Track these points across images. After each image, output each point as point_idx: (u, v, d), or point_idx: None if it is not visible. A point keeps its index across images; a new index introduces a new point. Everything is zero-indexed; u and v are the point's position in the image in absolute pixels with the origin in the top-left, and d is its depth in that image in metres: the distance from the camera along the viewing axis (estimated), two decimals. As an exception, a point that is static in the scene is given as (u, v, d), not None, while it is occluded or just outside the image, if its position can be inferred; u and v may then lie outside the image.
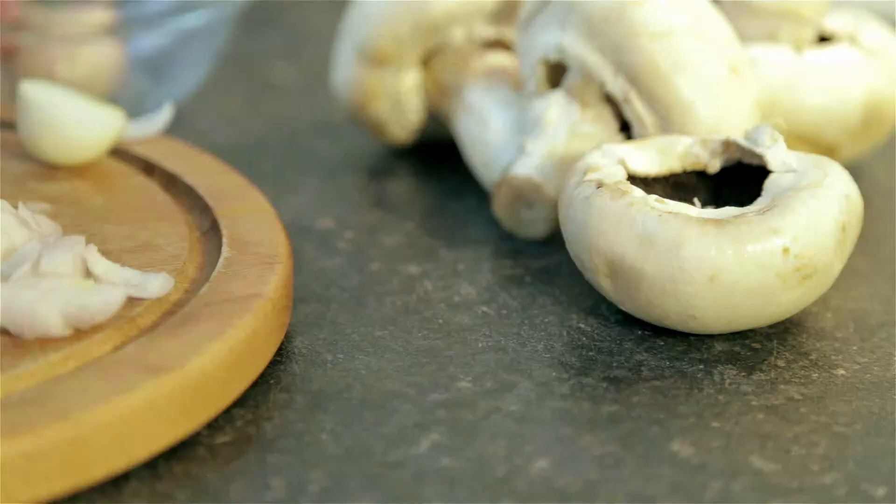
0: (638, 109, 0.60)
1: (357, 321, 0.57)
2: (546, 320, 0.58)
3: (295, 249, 0.59)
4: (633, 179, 0.58)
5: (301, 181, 0.68)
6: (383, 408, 0.52)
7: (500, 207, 0.62)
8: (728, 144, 0.58)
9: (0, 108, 0.64)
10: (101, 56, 0.69)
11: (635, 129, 0.61)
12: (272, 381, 0.53)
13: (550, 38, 0.61)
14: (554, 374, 0.55)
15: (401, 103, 0.68)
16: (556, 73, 0.62)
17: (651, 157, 0.58)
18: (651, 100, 0.60)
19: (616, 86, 0.60)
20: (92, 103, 0.60)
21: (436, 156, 0.70)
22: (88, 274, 0.52)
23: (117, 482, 0.48)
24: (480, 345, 0.56)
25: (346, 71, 0.67)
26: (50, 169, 0.60)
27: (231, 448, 0.50)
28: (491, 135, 0.64)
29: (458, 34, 0.66)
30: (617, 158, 0.58)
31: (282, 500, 0.48)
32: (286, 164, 0.69)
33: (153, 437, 0.48)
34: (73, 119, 0.59)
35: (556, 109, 0.61)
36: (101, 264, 0.52)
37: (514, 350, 0.56)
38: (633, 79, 0.60)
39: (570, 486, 0.49)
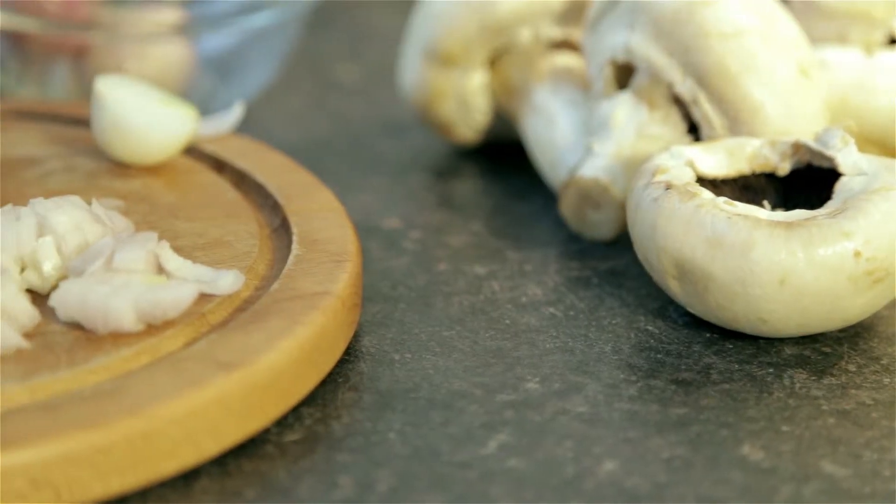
0: (706, 111, 0.60)
1: (424, 321, 0.57)
2: (613, 322, 0.58)
3: (362, 248, 0.59)
4: (702, 181, 0.58)
5: (367, 180, 0.68)
6: (451, 408, 0.52)
7: (566, 208, 0.62)
8: (798, 147, 0.58)
9: (72, 106, 0.65)
10: (170, 55, 0.69)
11: (704, 130, 0.60)
12: (340, 380, 0.54)
13: (618, 39, 0.61)
14: (622, 375, 0.54)
15: (467, 103, 0.68)
16: (624, 74, 0.62)
17: (720, 158, 0.58)
18: (720, 101, 0.59)
19: (684, 87, 0.60)
20: (166, 101, 0.60)
21: (502, 156, 0.69)
22: (160, 270, 0.52)
23: (187, 479, 0.48)
24: (548, 346, 0.56)
25: (412, 71, 0.67)
26: (122, 166, 0.60)
27: (300, 446, 0.50)
28: (558, 135, 0.64)
29: (525, 34, 0.66)
30: (685, 160, 0.57)
31: (350, 498, 0.48)
32: (352, 163, 0.69)
33: (223, 432, 0.48)
34: (145, 122, 0.59)
35: (623, 110, 0.61)
36: (172, 260, 0.52)
37: (581, 351, 0.56)
38: (702, 80, 0.59)
39: (639, 488, 0.49)
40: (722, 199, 0.55)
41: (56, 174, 0.59)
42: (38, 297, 0.51)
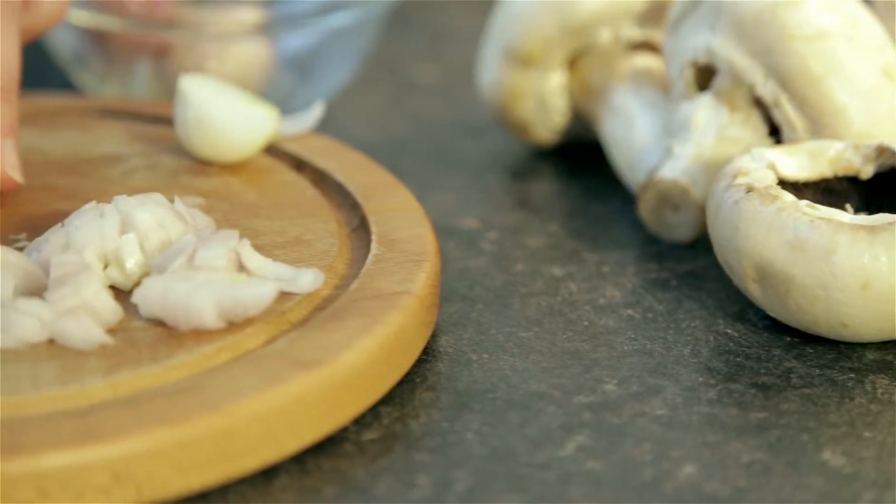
0: (788, 113, 0.59)
1: (502, 322, 0.57)
2: (692, 325, 0.57)
3: (439, 248, 0.59)
4: (783, 184, 0.57)
5: (445, 181, 0.68)
6: (528, 409, 0.52)
7: (645, 210, 0.62)
8: (882, 150, 0.57)
9: (154, 104, 0.65)
10: (251, 54, 0.69)
11: (785, 133, 0.60)
12: (418, 380, 0.54)
13: (700, 41, 0.61)
14: (701, 379, 0.54)
15: (546, 104, 0.68)
16: (705, 76, 0.62)
17: (801, 161, 0.58)
18: (802, 104, 0.59)
19: (766, 89, 0.59)
20: (248, 101, 0.60)
21: (580, 157, 0.69)
22: (241, 268, 0.52)
23: (267, 476, 0.48)
24: (626, 348, 0.56)
25: (491, 71, 0.67)
26: (203, 164, 0.61)
27: (378, 445, 0.50)
28: (637, 137, 0.64)
29: (605, 35, 0.66)
30: (767, 163, 0.57)
31: (428, 498, 0.48)
32: (430, 163, 0.69)
33: (302, 430, 0.49)
34: (228, 121, 0.59)
35: (704, 112, 0.61)
36: (253, 258, 0.52)
37: (660, 354, 0.55)
38: (784, 82, 0.59)
39: (719, 493, 0.48)
40: (804, 202, 0.55)
41: (139, 172, 0.60)
42: (121, 294, 0.51)
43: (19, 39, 0.57)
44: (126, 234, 0.52)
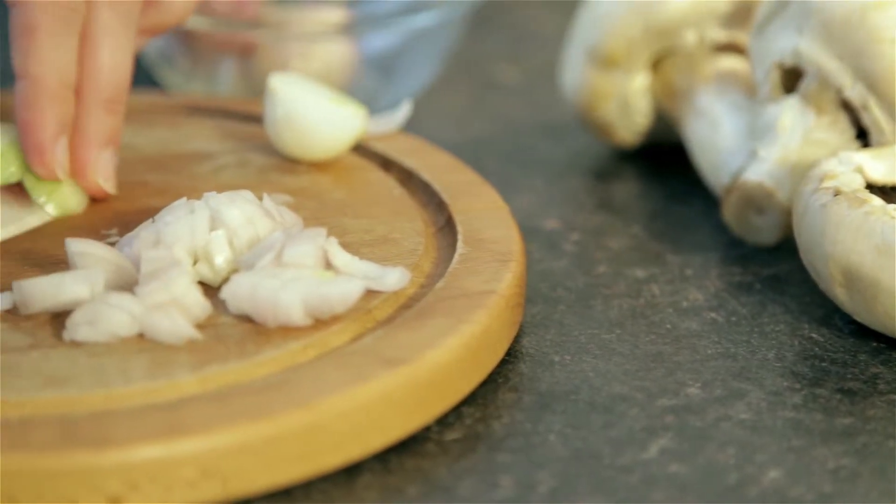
0: (877, 116, 0.59)
1: (584, 323, 0.57)
2: (777, 329, 0.57)
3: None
4: (871, 188, 0.57)
5: (526, 181, 0.68)
6: (611, 411, 0.52)
7: (729, 213, 0.62)
8: (972, 155, 0.57)
9: (243, 102, 0.66)
10: (335, 54, 0.70)
11: (873, 136, 0.59)
12: (500, 380, 0.54)
13: (787, 43, 0.60)
14: (785, 383, 0.54)
15: (629, 106, 0.67)
16: (791, 78, 0.61)
17: (890, 165, 0.57)
18: (891, 107, 0.58)
19: (854, 92, 0.59)
20: (337, 100, 0.61)
21: (662, 159, 0.69)
22: (329, 266, 0.53)
23: (350, 474, 0.49)
24: (709, 351, 0.56)
25: (574, 72, 0.67)
26: (292, 162, 0.61)
27: (461, 445, 0.50)
28: (721, 139, 0.63)
29: (689, 37, 0.66)
30: (854, 166, 0.56)
31: (511, 499, 0.48)
32: (511, 163, 0.69)
33: (387, 427, 0.49)
34: (317, 120, 0.60)
35: (790, 115, 0.60)
36: (340, 256, 0.53)
37: (743, 358, 0.55)
38: (873, 85, 0.58)
39: (804, 498, 0.48)
40: (892, 206, 0.54)
41: (228, 169, 0.60)
42: (209, 290, 0.52)
43: (136, 46, 0.57)
44: (215, 231, 0.52)
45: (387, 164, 0.61)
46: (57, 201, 0.56)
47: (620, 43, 0.66)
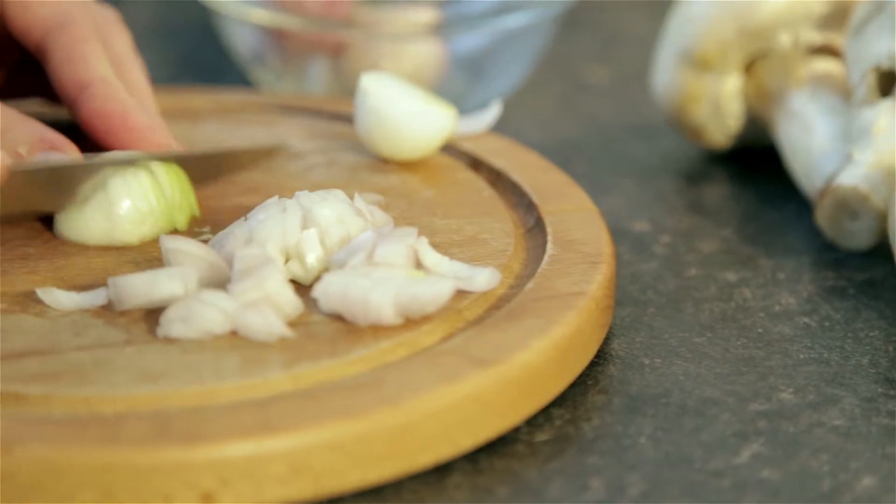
0: (975, 121, 0.58)
1: (674, 326, 0.57)
2: (871, 335, 0.56)
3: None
4: (969, 193, 0.56)
5: (616, 183, 0.67)
6: (702, 415, 0.52)
7: (822, 217, 0.61)
8: None
9: (333, 101, 0.66)
10: (425, 54, 0.70)
11: (971, 140, 0.58)
12: (590, 382, 0.53)
13: (883, 45, 0.60)
14: (880, 390, 0.53)
15: (721, 108, 0.67)
16: (888, 81, 0.61)
17: None
18: None
19: (952, 96, 0.58)
20: (427, 99, 0.61)
21: (754, 161, 0.68)
22: (419, 265, 0.53)
23: (440, 474, 0.49)
24: (802, 356, 0.55)
25: (666, 73, 0.67)
26: (381, 161, 0.61)
27: (550, 447, 0.50)
28: (815, 142, 0.63)
29: (784, 39, 0.65)
30: (952, 171, 0.56)
31: (601, 501, 0.48)
32: (601, 165, 0.69)
33: (477, 428, 0.49)
34: (407, 119, 0.60)
35: (886, 118, 0.60)
36: (431, 256, 0.53)
37: (837, 363, 0.54)
38: (971, 89, 0.57)
39: (899, 507, 0.47)
40: None
41: (319, 168, 0.61)
42: (300, 288, 0.52)
43: None
44: (307, 230, 0.53)
45: (476, 164, 0.61)
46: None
47: (714, 45, 0.65)
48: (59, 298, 0.51)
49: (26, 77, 0.61)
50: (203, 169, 0.57)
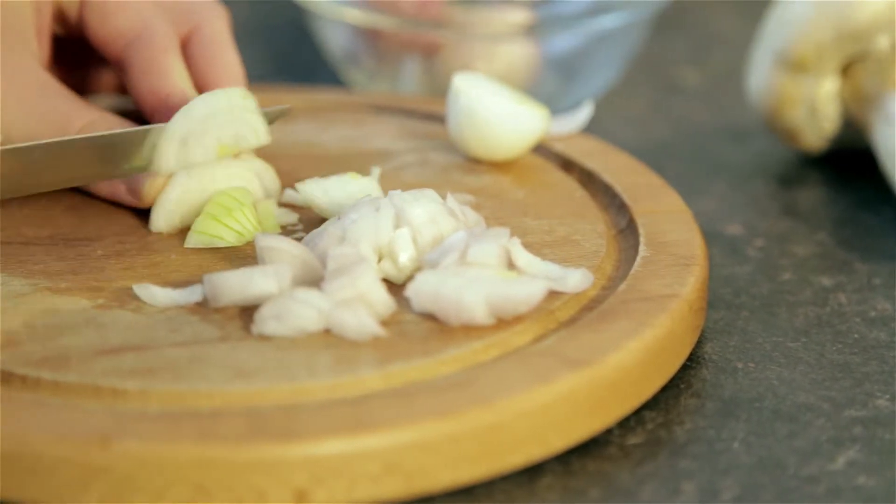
0: None
1: (768, 331, 0.56)
2: (970, 342, 0.55)
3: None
4: None
5: (708, 185, 0.67)
6: (796, 420, 0.51)
7: (920, 222, 0.60)
8: None
9: (425, 101, 0.66)
10: (517, 55, 0.70)
11: None
12: (682, 386, 0.53)
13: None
14: (979, 398, 0.52)
15: (817, 110, 0.66)
16: None
17: None
18: None
19: None
20: (520, 100, 0.60)
21: (849, 165, 0.68)
22: (511, 266, 0.52)
23: (532, 476, 0.48)
24: (898, 362, 0.54)
25: (761, 76, 0.66)
26: (473, 162, 0.61)
27: (642, 449, 0.50)
28: (913, 146, 0.62)
29: (882, 42, 0.64)
30: None
31: (693, 504, 0.48)
32: (693, 167, 0.69)
33: (569, 429, 0.49)
34: (500, 120, 0.60)
35: None
36: (523, 257, 0.52)
37: (935, 370, 0.54)
38: None
39: None
40: None
41: (411, 168, 0.61)
42: (392, 287, 0.52)
43: None
44: (400, 229, 0.53)
45: (567, 165, 0.61)
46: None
47: (810, 47, 0.64)
48: (156, 295, 0.51)
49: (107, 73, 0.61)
50: None
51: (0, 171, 0.53)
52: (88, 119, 0.56)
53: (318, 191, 0.56)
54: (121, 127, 0.56)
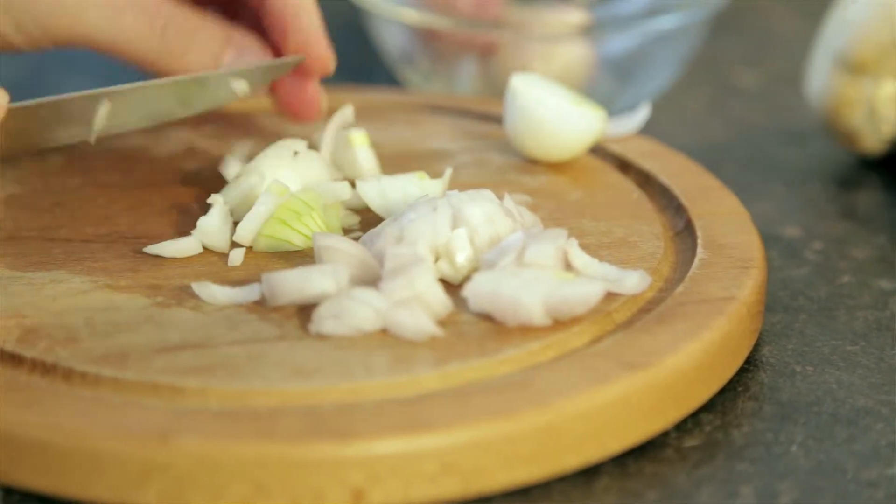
0: None
1: (826, 334, 0.56)
2: None
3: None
4: None
5: (766, 187, 0.66)
6: (855, 424, 0.51)
7: (981, 225, 0.59)
8: None
9: (481, 101, 0.66)
10: (574, 56, 0.70)
11: None
12: (740, 389, 0.53)
13: None
14: None
15: (876, 113, 0.66)
16: None
17: None
18: None
19: None
20: (576, 101, 0.60)
21: (909, 168, 0.67)
22: (568, 267, 0.52)
23: (588, 477, 0.48)
24: (959, 367, 0.54)
25: (821, 77, 0.66)
26: (530, 162, 0.61)
27: (699, 452, 0.50)
28: (974, 149, 0.61)
29: (943, 43, 0.64)
30: None
31: (751, 508, 0.47)
32: (750, 169, 0.68)
33: (625, 431, 0.48)
34: (556, 120, 0.60)
35: None
36: (580, 258, 0.52)
37: None
38: None
39: None
40: None
41: (467, 168, 0.61)
42: (449, 287, 0.52)
43: None
44: (457, 229, 0.53)
45: (624, 166, 0.61)
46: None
47: (870, 49, 0.64)
48: (214, 293, 0.52)
49: None
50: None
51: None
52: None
53: (374, 191, 0.56)
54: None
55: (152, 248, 0.54)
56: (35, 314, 0.51)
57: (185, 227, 0.56)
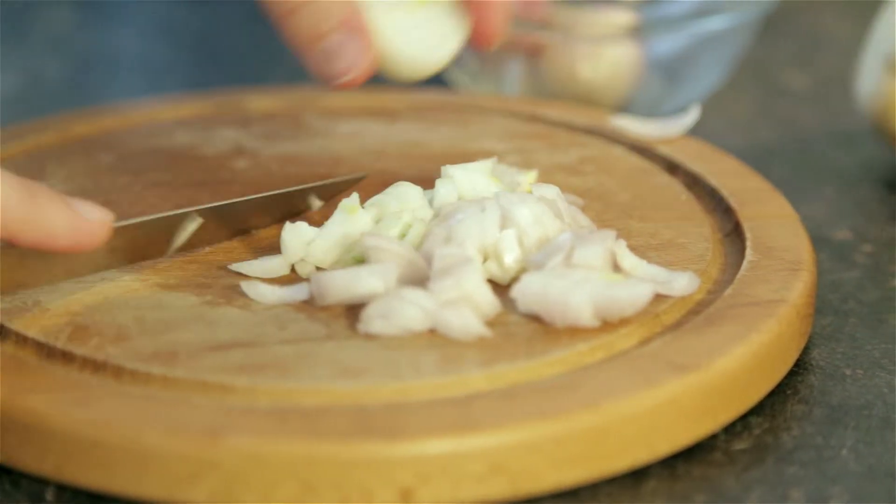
0: None
1: (877, 337, 0.55)
2: None
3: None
4: None
5: (815, 190, 0.66)
6: (906, 428, 0.50)
7: None
8: None
9: (528, 102, 0.66)
10: (621, 57, 0.69)
11: None
12: (789, 392, 0.52)
13: None
14: None
15: (927, 115, 0.65)
16: None
17: None
18: None
19: None
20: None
21: (961, 171, 0.67)
22: (617, 268, 0.52)
23: (637, 479, 0.48)
24: None
25: (870, 79, 0.65)
26: (578, 163, 0.61)
27: (749, 455, 0.49)
28: None
29: None
30: None
31: (801, 511, 0.47)
32: (799, 171, 0.68)
33: (674, 433, 0.48)
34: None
35: None
36: (629, 259, 0.52)
37: None
38: None
39: None
40: None
41: (514, 168, 0.61)
42: (497, 288, 0.52)
43: None
44: (506, 229, 0.53)
45: (672, 167, 0.61)
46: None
47: (921, 49, 0.63)
48: (263, 292, 0.52)
49: None
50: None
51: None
52: None
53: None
54: None
55: (237, 267, 0.54)
56: (86, 312, 0.51)
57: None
